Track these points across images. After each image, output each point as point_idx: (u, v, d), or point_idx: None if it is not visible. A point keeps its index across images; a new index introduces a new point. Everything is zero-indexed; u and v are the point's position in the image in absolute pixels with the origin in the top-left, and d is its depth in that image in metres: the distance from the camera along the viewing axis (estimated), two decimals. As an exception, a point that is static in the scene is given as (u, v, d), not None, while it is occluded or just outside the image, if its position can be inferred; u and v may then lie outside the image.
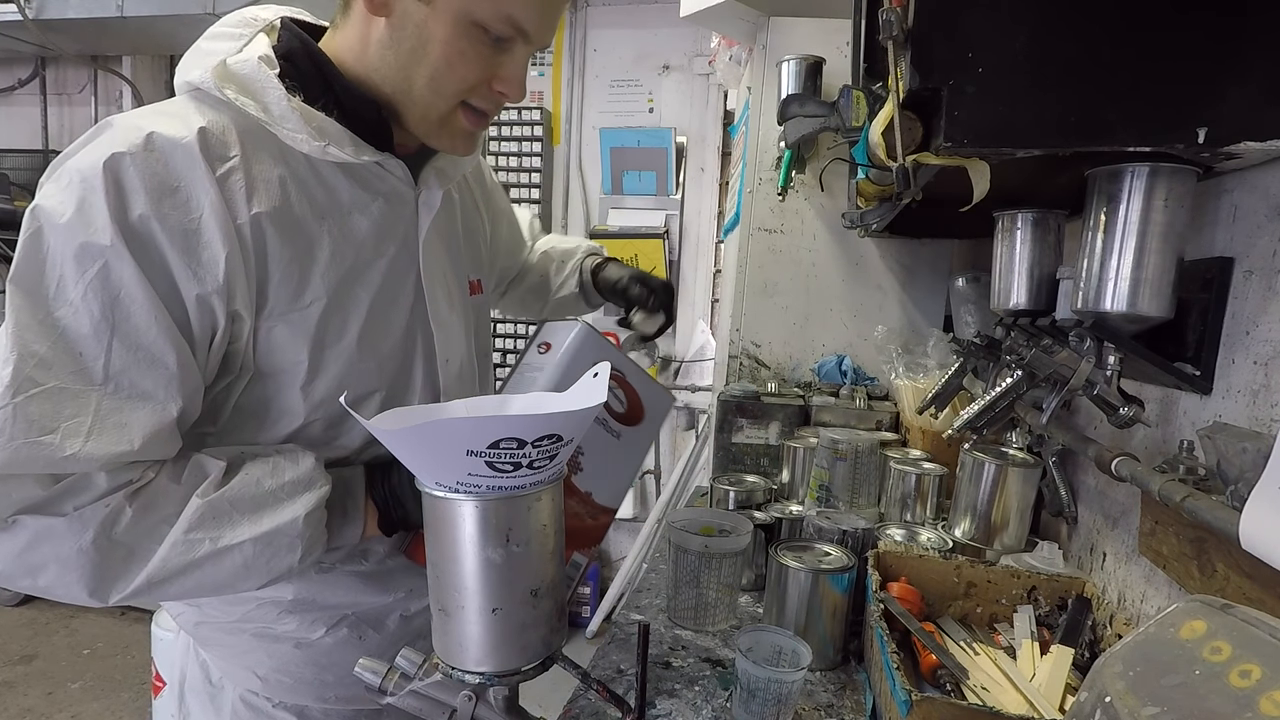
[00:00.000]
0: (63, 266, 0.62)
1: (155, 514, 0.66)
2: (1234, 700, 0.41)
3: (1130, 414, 0.85)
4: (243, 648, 0.84)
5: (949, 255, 1.87)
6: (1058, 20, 0.69)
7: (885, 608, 0.93)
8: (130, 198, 0.63)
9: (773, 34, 1.83)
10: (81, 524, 0.63)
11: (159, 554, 0.65)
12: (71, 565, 0.63)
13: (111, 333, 0.63)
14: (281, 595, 0.81)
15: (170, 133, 0.65)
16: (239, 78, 0.69)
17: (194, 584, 0.68)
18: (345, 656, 0.83)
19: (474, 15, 0.69)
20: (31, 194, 0.65)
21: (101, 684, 2.80)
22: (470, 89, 0.74)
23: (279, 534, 0.69)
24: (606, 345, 0.90)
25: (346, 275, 0.75)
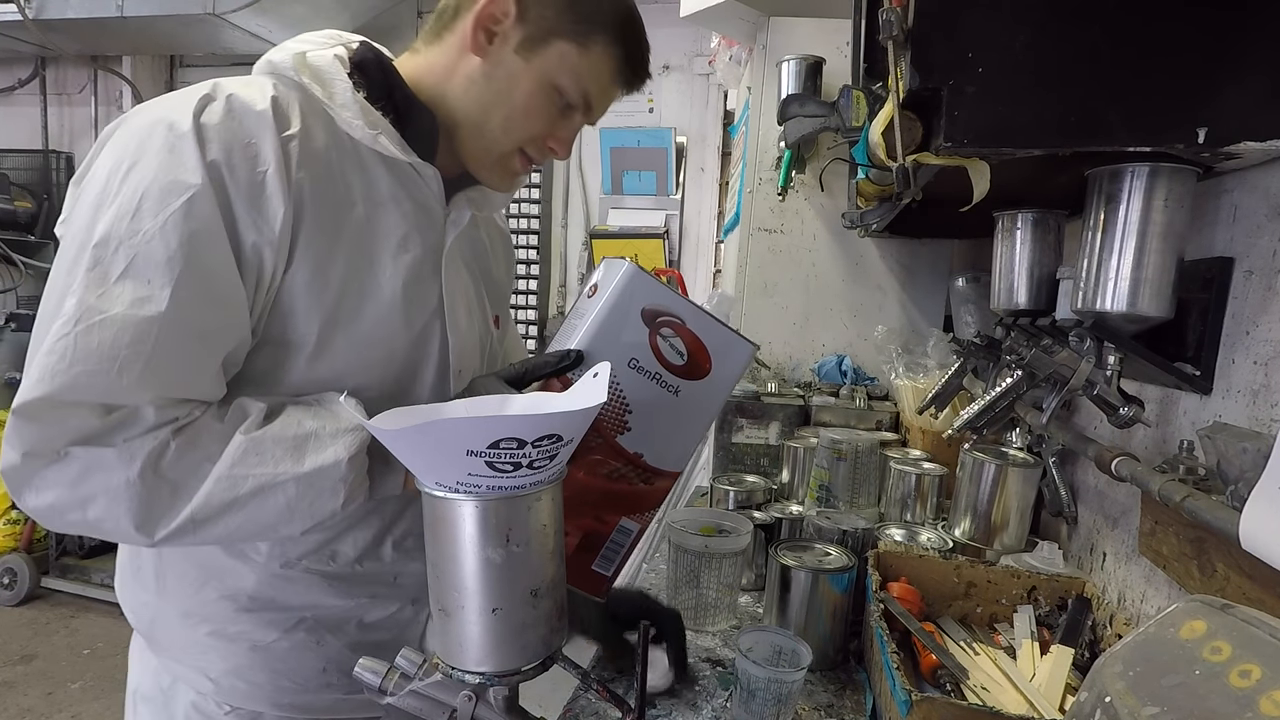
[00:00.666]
0: (144, 198, 0.64)
1: (199, 450, 0.66)
2: (1234, 700, 0.41)
3: (1130, 414, 0.85)
4: (197, 648, 0.81)
5: (949, 255, 1.88)
6: (1058, 20, 0.70)
7: (885, 608, 0.93)
8: (209, 145, 0.67)
9: (773, 34, 1.83)
10: (130, 456, 0.63)
11: (203, 490, 0.65)
12: (120, 497, 0.63)
13: (184, 265, 0.64)
14: (240, 590, 0.80)
15: (247, 97, 0.70)
16: (313, 67, 0.77)
17: (238, 524, 0.67)
18: (301, 662, 0.82)
19: (557, 80, 0.80)
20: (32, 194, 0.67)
21: (101, 684, 2.80)
22: (532, 139, 0.83)
23: (322, 475, 0.68)
24: (658, 287, 0.78)
25: (369, 261, 0.77)
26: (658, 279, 0.79)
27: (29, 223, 3.64)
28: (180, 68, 3.91)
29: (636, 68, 0.85)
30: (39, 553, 3.51)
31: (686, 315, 0.79)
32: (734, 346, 0.81)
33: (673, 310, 0.78)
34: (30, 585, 3.36)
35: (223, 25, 3.03)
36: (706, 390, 0.81)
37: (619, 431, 0.77)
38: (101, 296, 0.62)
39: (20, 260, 3.48)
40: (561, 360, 0.74)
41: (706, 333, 0.80)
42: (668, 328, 0.78)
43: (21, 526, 3.48)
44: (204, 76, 0.76)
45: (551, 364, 0.74)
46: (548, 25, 0.78)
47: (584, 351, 0.75)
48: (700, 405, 0.82)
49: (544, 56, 0.79)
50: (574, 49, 0.79)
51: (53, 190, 3.79)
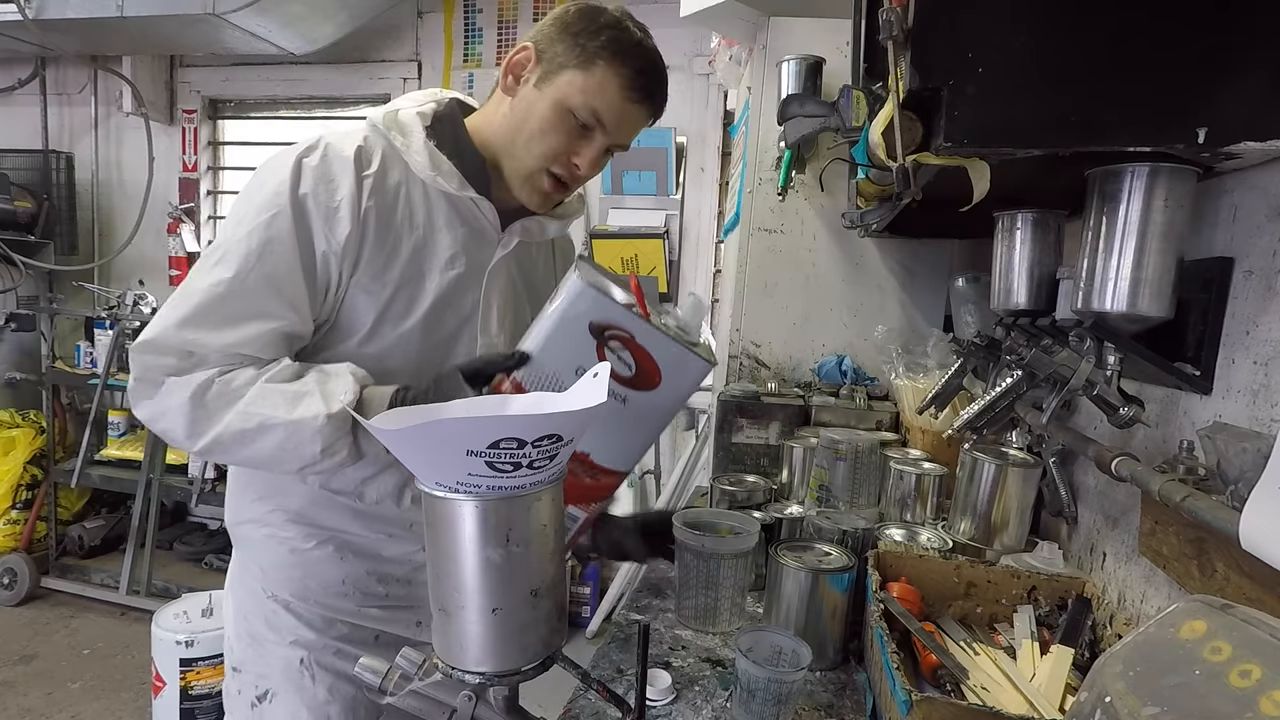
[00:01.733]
0: (245, 217, 0.90)
1: (234, 390, 0.87)
2: (1234, 700, 0.41)
3: (1130, 414, 0.85)
4: (256, 544, 1.07)
5: (949, 255, 1.87)
6: (1058, 20, 0.70)
7: (885, 608, 0.93)
8: (303, 181, 0.91)
9: (773, 34, 1.83)
10: (187, 385, 0.86)
11: (226, 418, 0.86)
12: (178, 412, 0.87)
13: (256, 260, 0.88)
14: (290, 506, 1.03)
15: (339, 146, 0.94)
16: (400, 122, 0.98)
17: (249, 452, 0.88)
18: (327, 570, 1.05)
19: (567, 102, 0.95)
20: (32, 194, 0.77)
21: (101, 684, 2.80)
22: (554, 157, 0.97)
23: (304, 425, 0.85)
24: (606, 303, 0.81)
25: (419, 274, 0.98)
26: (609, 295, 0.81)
27: (29, 223, 3.63)
28: (180, 68, 3.91)
29: (645, 83, 0.97)
30: (39, 553, 3.51)
31: (636, 331, 0.82)
32: (687, 362, 0.85)
33: (621, 325, 0.82)
34: (30, 585, 3.36)
35: (223, 25, 3.02)
36: (656, 400, 0.86)
37: None
38: (198, 276, 0.89)
39: (20, 260, 3.47)
40: (507, 359, 0.83)
41: (657, 348, 0.83)
42: (616, 340, 0.82)
43: (22, 526, 3.48)
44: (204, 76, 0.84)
45: (498, 363, 0.84)
46: (559, 61, 0.95)
47: (530, 355, 0.81)
48: (649, 414, 0.87)
49: (555, 85, 0.95)
50: (579, 74, 0.94)
51: (52, 190, 3.78)
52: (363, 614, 1.07)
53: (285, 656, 1.05)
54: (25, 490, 3.52)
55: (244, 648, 1.09)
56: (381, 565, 1.06)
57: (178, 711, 2.25)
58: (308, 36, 3.28)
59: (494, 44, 3.53)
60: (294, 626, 1.06)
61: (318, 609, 1.06)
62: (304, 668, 1.05)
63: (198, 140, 3.91)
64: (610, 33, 0.95)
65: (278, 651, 1.06)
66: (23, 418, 3.60)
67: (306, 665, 1.05)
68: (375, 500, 1.03)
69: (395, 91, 3.63)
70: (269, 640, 1.06)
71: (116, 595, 3.33)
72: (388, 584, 1.07)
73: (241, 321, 0.88)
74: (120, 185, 4.00)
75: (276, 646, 1.06)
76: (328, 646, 1.06)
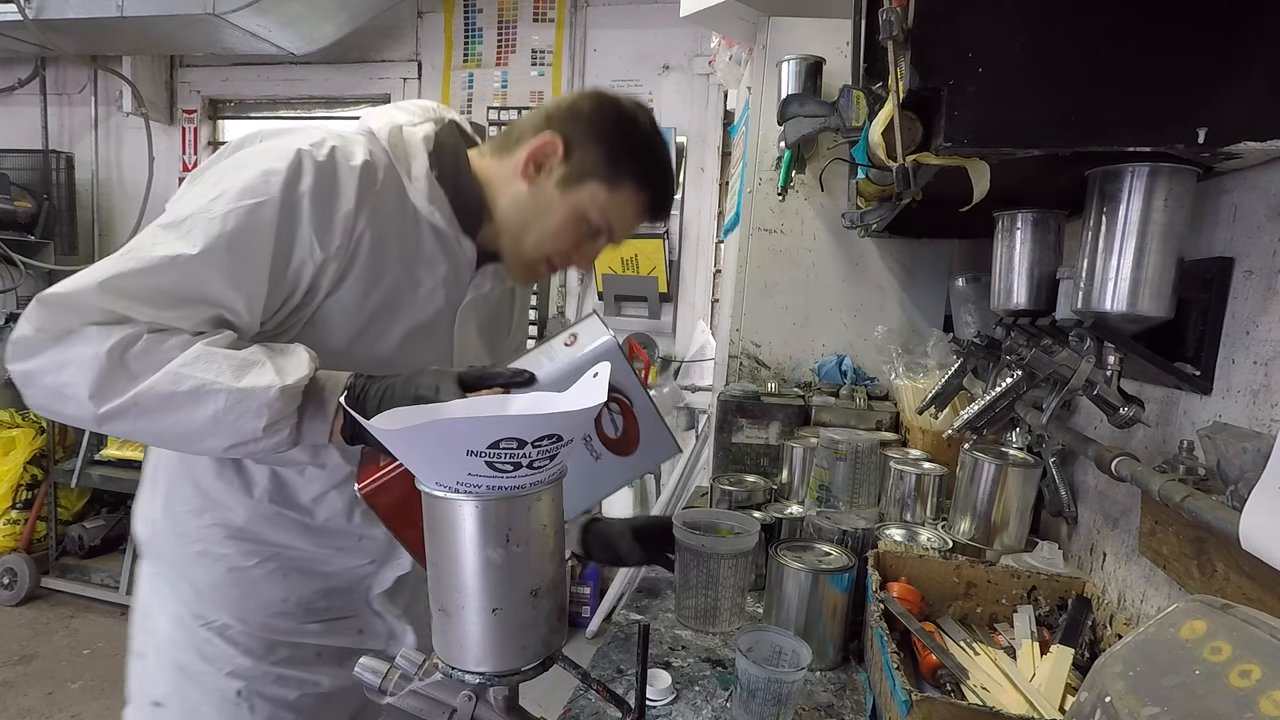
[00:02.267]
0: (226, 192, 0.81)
1: (164, 351, 0.76)
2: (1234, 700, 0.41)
3: (1130, 414, 0.85)
4: (186, 561, 0.98)
5: (949, 255, 1.87)
6: (1058, 20, 0.70)
7: (885, 608, 0.93)
8: (303, 179, 0.84)
9: (773, 34, 1.83)
10: (106, 336, 0.74)
11: (151, 379, 0.75)
12: (86, 366, 0.74)
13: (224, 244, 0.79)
14: (232, 521, 0.95)
15: (346, 150, 0.88)
16: (403, 141, 0.94)
17: (170, 422, 0.77)
18: (268, 588, 0.99)
19: (586, 213, 0.96)
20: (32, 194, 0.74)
21: (101, 684, 2.80)
22: (558, 254, 1.00)
23: (252, 395, 0.76)
24: (626, 368, 0.86)
25: (398, 303, 0.94)
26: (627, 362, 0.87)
27: (29, 223, 3.63)
28: (180, 67, 3.91)
29: (658, 208, 1.02)
30: (39, 553, 3.51)
31: (636, 401, 0.88)
32: (663, 443, 0.91)
33: (627, 392, 0.87)
34: (30, 585, 3.36)
35: (223, 25, 3.02)
36: (621, 467, 0.90)
37: None
38: (154, 242, 0.79)
39: (20, 260, 3.47)
40: (515, 376, 0.82)
41: (646, 421, 0.89)
42: (616, 404, 0.87)
43: (22, 526, 3.48)
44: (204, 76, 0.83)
45: (505, 377, 0.82)
46: (586, 168, 0.95)
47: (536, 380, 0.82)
48: (610, 476, 0.91)
49: (578, 193, 0.95)
50: (604, 189, 0.95)
51: (52, 190, 3.78)
52: (303, 630, 1.02)
53: (220, 689, 0.98)
54: (25, 490, 3.52)
55: (169, 680, 1.00)
56: (327, 580, 1.02)
57: (178, 711, 2.25)
58: (308, 36, 3.28)
59: (494, 44, 3.53)
60: (230, 655, 0.98)
61: (258, 632, 0.99)
62: (241, 699, 0.98)
63: (198, 140, 3.91)
64: (644, 156, 0.98)
65: (212, 683, 0.98)
66: (23, 418, 3.60)
67: (245, 696, 0.99)
68: (326, 518, 0.98)
69: (395, 91, 3.63)
70: (201, 672, 0.98)
71: (116, 595, 3.33)
72: (330, 597, 1.03)
73: (185, 304, 0.79)
74: (120, 185, 4.00)
75: (210, 678, 0.98)
76: (267, 674, 1.00)
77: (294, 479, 0.96)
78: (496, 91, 3.55)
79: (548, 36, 3.46)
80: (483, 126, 1.11)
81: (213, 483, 0.96)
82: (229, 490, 0.95)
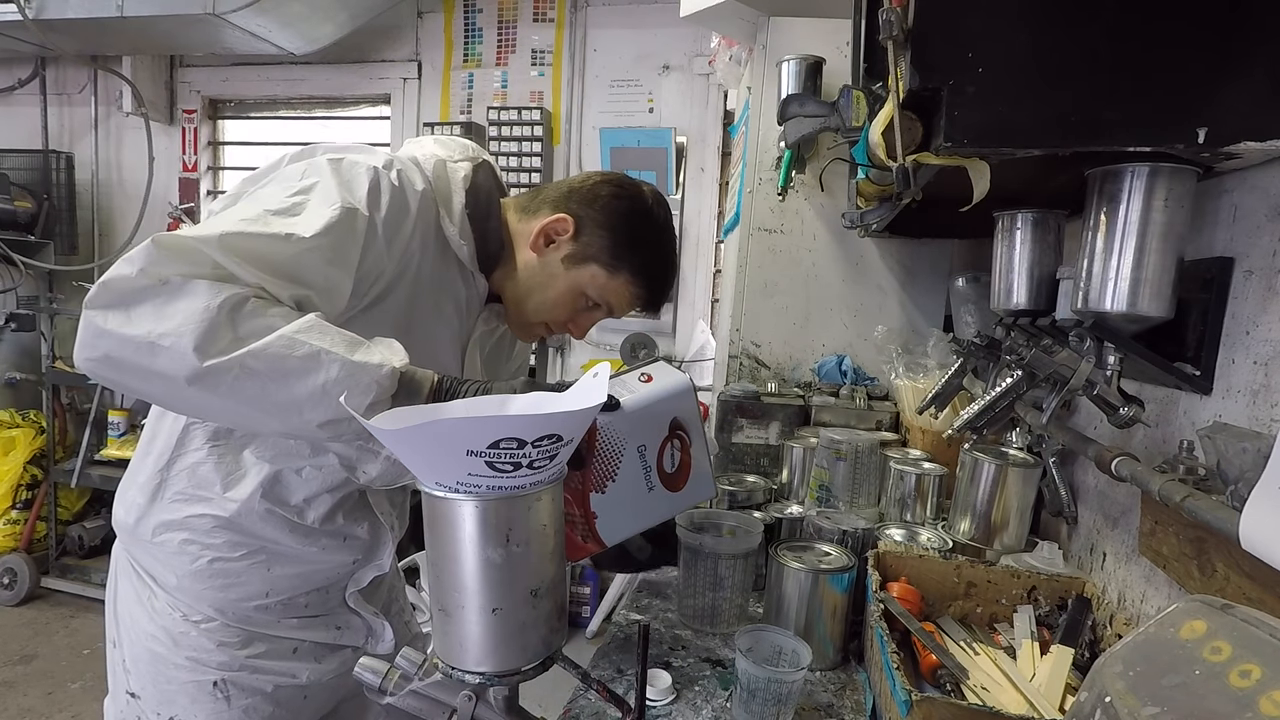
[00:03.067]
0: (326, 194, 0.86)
1: (270, 317, 0.76)
2: (1234, 700, 0.41)
3: (1130, 414, 0.85)
4: (169, 550, 0.98)
5: (949, 255, 1.87)
6: (1058, 20, 0.70)
7: (885, 608, 0.93)
8: (383, 196, 0.90)
9: (773, 34, 1.83)
10: (218, 291, 0.73)
11: (266, 339, 0.73)
12: (197, 318, 0.72)
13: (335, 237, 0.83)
14: (221, 515, 0.96)
15: (412, 179, 0.95)
16: (445, 177, 1.00)
17: (274, 387, 0.75)
18: (251, 581, 0.99)
19: (585, 290, 1.03)
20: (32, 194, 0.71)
21: (101, 684, 2.77)
22: (556, 322, 1.07)
23: (365, 369, 0.75)
24: (695, 409, 0.93)
25: (422, 323, 0.99)
26: (698, 404, 0.94)
27: (29, 223, 3.63)
28: (180, 68, 3.91)
29: (651, 302, 1.07)
30: (39, 553, 3.51)
31: (695, 440, 0.93)
32: (705, 484, 0.97)
33: (690, 431, 0.93)
34: (30, 585, 3.36)
35: (223, 25, 3.02)
36: (668, 502, 0.94)
37: (598, 489, 0.88)
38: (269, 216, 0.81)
39: (20, 260, 3.47)
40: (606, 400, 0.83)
41: (698, 461, 0.94)
42: (679, 440, 0.92)
43: (22, 526, 3.48)
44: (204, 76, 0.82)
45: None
46: (591, 252, 1.01)
47: (621, 405, 0.86)
48: (656, 508, 0.94)
49: (580, 271, 1.02)
50: (604, 273, 1.02)
51: (53, 190, 3.78)
52: (281, 625, 1.03)
53: (196, 680, 0.99)
54: (25, 490, 3.52)
55: (143, 671, 1.00)
56: (309, 577, 1.03)
57: (178, 711, 2.25)
58: (308, 36, 3.28)
59: (494, 44, 3.53)
60: (206, 647, 0.99)
61: (236, 624, 1.00)
62: (217, 690, 0.99)
63: (198, 140, 3.91)
64: (646, 253, 1.04)
65: (186, 675, 0.99)
66: (23, 418, 3.60)
67: (220, 687, 0.99)
68: (313, 520, 1.00)
69: (395, 91, 3.63)
70: (175, 664, 0.99)
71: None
72: (310, 594, 1.04)
73: (289, 280, 0.80)
74: (120, 185, 4.00)
75: (184, 670, 0.99)
76: (244, 666, 1.00)
77: (290, 478, 0.97)
78: (496, 91, 3.54)
79: (548, 36, 3.46)
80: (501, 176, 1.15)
81: (208, 473, 0.96)
82: (224, 483, 0.96)
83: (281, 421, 0.81)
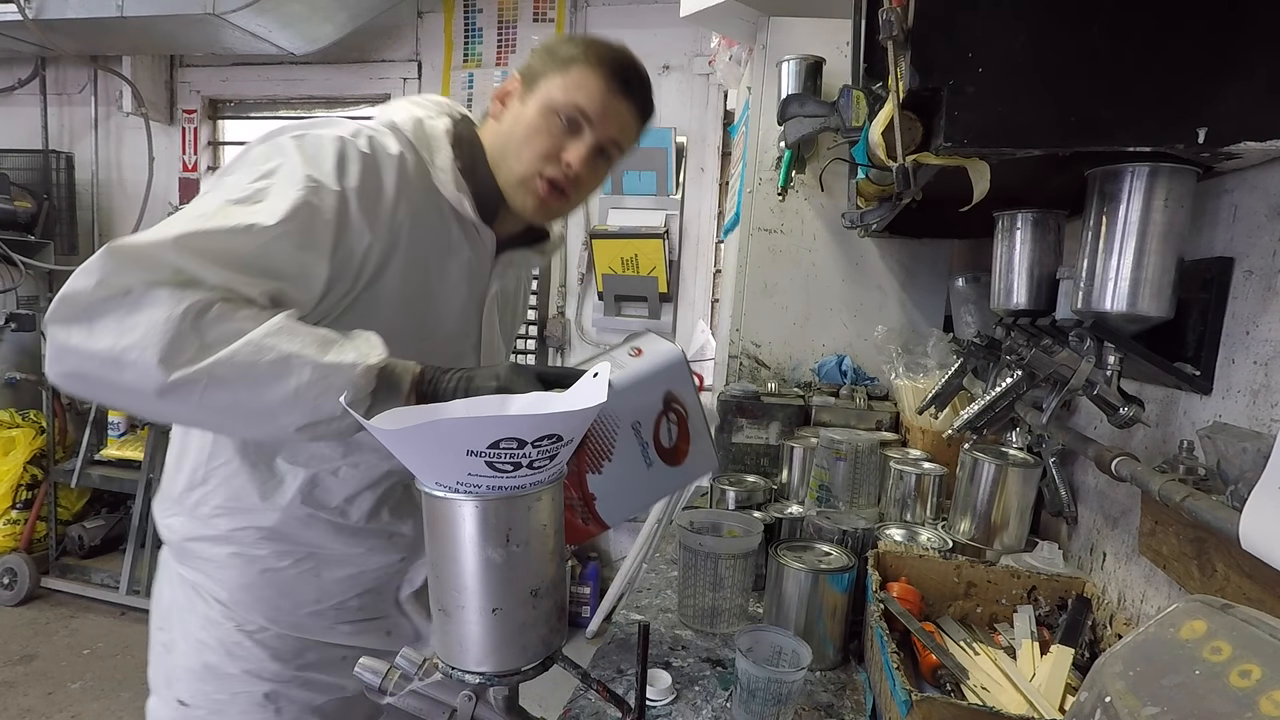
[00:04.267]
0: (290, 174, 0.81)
1: (238, 321, 0.72)
2: (1234, 700, 0.41)
3: (1130, 414, 0.85)
4: (219, 563, 0.97)
5: (949, 255, 1.87)
6: (1057, 20, 0.70)
7: (885, 608, 0.93)
8: (350, 166, 0.85)
9: (773, 34, 1.83)
10: (179, 299, 0.70)
11: (232, 347, 0.71)
12: (159, 329, 0.69)
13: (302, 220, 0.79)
14: (264, 524, 0.95)
15: (385, 143, 0.90)
16: (426, 133, 0.96)
17: (245, 395, 0.72)
18: (302, 588, 0.99)
19: (550, 103, 0.95)
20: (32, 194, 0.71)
21: (101, 684, 2.80)
22: (545, 158, 0.96)
23: (338, 370, 0.73)
24: (689, 380, 0.90)
25: (430, 293, 0.97)
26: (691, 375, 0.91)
27: (29, 223, 3.63)
28: (180, 68, 3.91)
29: (624, 75, 0.97)
30: (39, 553, 3.51)
31: (691, 413, 0.91)
32: (706, 456, 0.95)
33: (686, 403, 0.90)
34: (30, 585, 3.36)
35: (223, 25, 3.02)
36: (669, 477, 0.93)
37: (593, 469, 0.87)
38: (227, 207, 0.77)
39: (20, 260, 3.47)
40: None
41: (697, 434, 0.93)
42: (674, 414, 0.90)
43: (22, 526, 3.48)
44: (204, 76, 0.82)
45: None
46: (539, 71, 0.97)
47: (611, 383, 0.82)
48: (658, 484, 0.93)
49: (538, 92, 0.96)
50: (559, 76, 0.96)
51: (52, 190, 3.78)
52: (334, 632, 1.02)
53: (249, 692, 0.98)
54: (25, 490, 3.52)
55: (196, 681, 0.99)
56: (360, 580, 1.02)
57: (178, 711, 2.25)
58: (308, 36, 3.28)
59: (494, 44, 3.53)
60: (260, 657, 0.99)
61: (290, 632, 1.00)
62: (268, 702, 0.99)
63: (198, 140, 3.91)
64: (585, 43, 0.98)
65: (239, 686, 0.98)
66: (23, 418, 3.59)
67: (272, 699, 0.99)
68: (358, 518, 0.99)
69: (395, 92, 3.63)
70: (229, 674, 0.98)
71: (116, 595, 3.32)
72: (362, 595, 1.03)
73: (257, 273, 0.76)
74: (120, 185, 4.00)
75: (238, 680, 0.98)
76: (295, 678, 1.00)
77: (327, 479, 0.96)
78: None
79: (548, 36, 3.46)
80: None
81: (243, 484, 0.95)
82: (260, 492, 0.94)
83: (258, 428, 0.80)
